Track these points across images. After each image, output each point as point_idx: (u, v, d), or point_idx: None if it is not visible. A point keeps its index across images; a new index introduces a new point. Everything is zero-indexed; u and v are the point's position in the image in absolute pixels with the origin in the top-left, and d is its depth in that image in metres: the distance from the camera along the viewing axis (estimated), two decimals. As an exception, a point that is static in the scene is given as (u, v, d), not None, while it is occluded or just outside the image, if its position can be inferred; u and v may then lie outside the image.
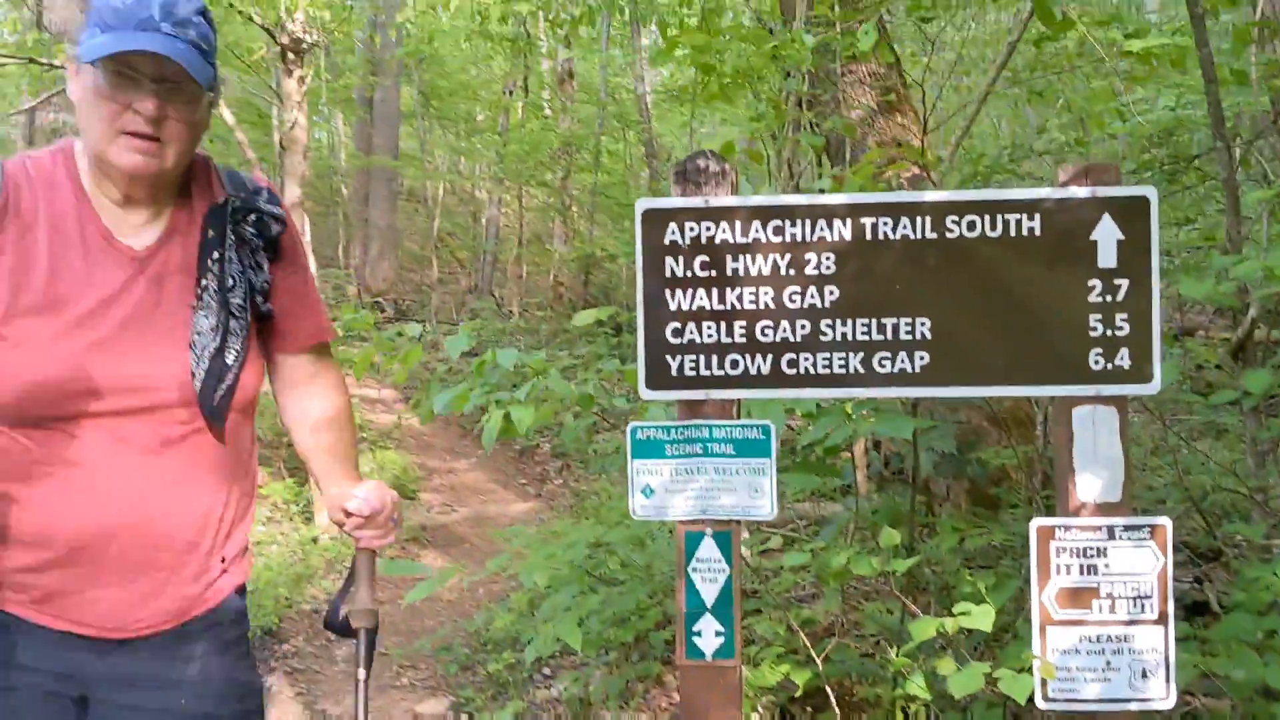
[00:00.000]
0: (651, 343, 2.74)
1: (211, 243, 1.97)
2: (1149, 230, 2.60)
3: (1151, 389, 2.59)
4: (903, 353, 2.69)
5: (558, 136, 18.47)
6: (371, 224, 21.18)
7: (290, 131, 8.11)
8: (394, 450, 11.29)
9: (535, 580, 3.39)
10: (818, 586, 5.11)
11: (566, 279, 19.44)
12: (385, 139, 20.92)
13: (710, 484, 2.73)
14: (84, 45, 1.82)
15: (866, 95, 5.78)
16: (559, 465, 11.18)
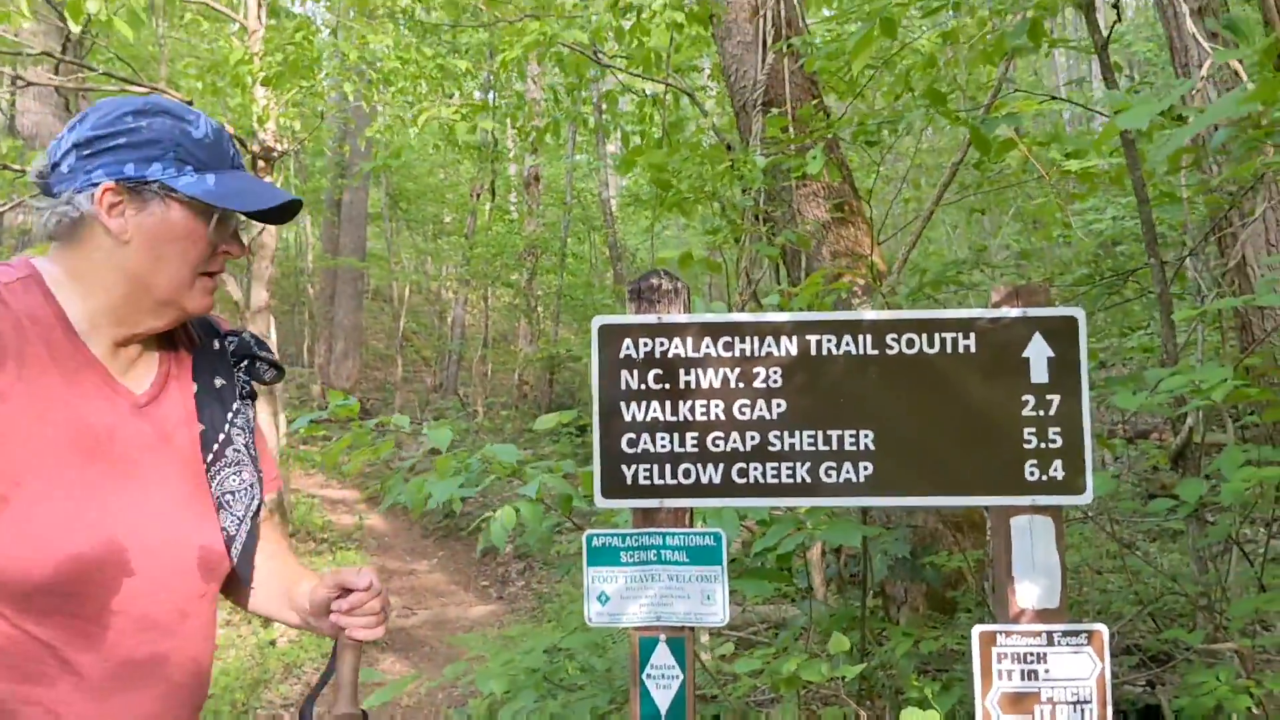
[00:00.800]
0: (607, 452, 2.83)
1: (224, 394, 1.84)
2: (1077, 348, 2.75)
3: (1084, 499, 2.71)
4: (848, 463, 2.80)
5: (524, 239, 18.77)
6: (337, 323, 21.29)
7: (259, 238, 8.24)
8: (354, 551, 11.23)
9: (492, 688, 3.42)
10: (778, 690, 5.14)
11: (531, 378, 19.55)
12: (352, 239, 21.16)
13: (664, 591, 2.80)
14: (190, 183, 1.66)
15: (819, 209, 6.00)
16: (521, 566, 11.15)
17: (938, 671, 4.59)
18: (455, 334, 21.87)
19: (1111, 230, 6.86)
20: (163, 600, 1.67)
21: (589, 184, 21.85)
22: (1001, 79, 4.85)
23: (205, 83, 7.96)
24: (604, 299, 18.55)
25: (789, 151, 5.40)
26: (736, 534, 3.34)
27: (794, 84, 6.46)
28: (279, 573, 1.99)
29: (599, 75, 8.14)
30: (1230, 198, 5.11)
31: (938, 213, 7.38)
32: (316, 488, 14.39)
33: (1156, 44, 14.88)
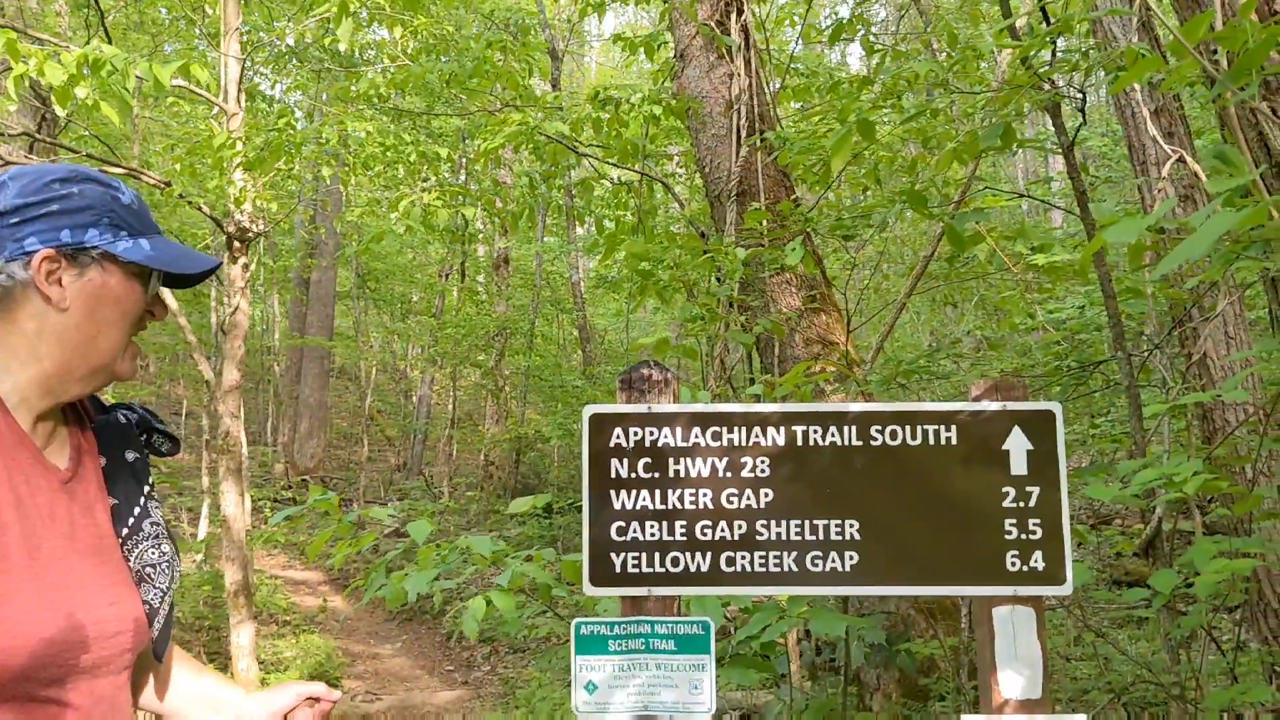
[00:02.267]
0: (596, 540, 2.86)
1: (136, 467, 1.81)
2: (1055, 442, 2.84)
3: (1065, 590, 2.77)
4: (834, 552, 2.85)
5: (492, 320, 18.85)
6: (302, 401, 21.18)
7: (232, 316, 8.25)
8: (318, 635, 11.06)
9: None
10: (752, 780, 5.11)
11: (497, 459, 19.47)
12: (320, 318, 21.16)
13: (652, 680, 2.81)
14: (128, 248, 1.66)
15: (793, 297, 6.12)
16: (487, 651, 11.01)
17: (913, 760, 4.59)
18: (421, 413, 21.83)
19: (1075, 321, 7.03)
20: (110, 675, 1.64)
21: (558, 266, 22.05)
22: (971, 176, 5.01)
23: (183, 165, 8.04)
24: (573, 380, 18.60)
25: (764, 243, 5.53)
26: (719, 621, 3.36)
27: (767, 175, 6.63)
28: (199, 675, 1.99)
29: (574, 163, 8.29)
30: (1192, 294, 5.28)
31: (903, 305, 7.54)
32: (279, 569, 14.20)
33: (1111, 139, 15.34)
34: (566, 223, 19.71)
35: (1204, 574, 3.19)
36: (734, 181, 6.58)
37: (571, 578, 3.52)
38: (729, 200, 6.52)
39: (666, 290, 5.31)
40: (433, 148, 8.38)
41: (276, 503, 17.54)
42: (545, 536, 14.06)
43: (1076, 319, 6.78)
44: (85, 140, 10.20)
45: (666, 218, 9.50)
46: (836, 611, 3.67)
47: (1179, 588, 3.57)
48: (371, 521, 3.54)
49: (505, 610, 3.16)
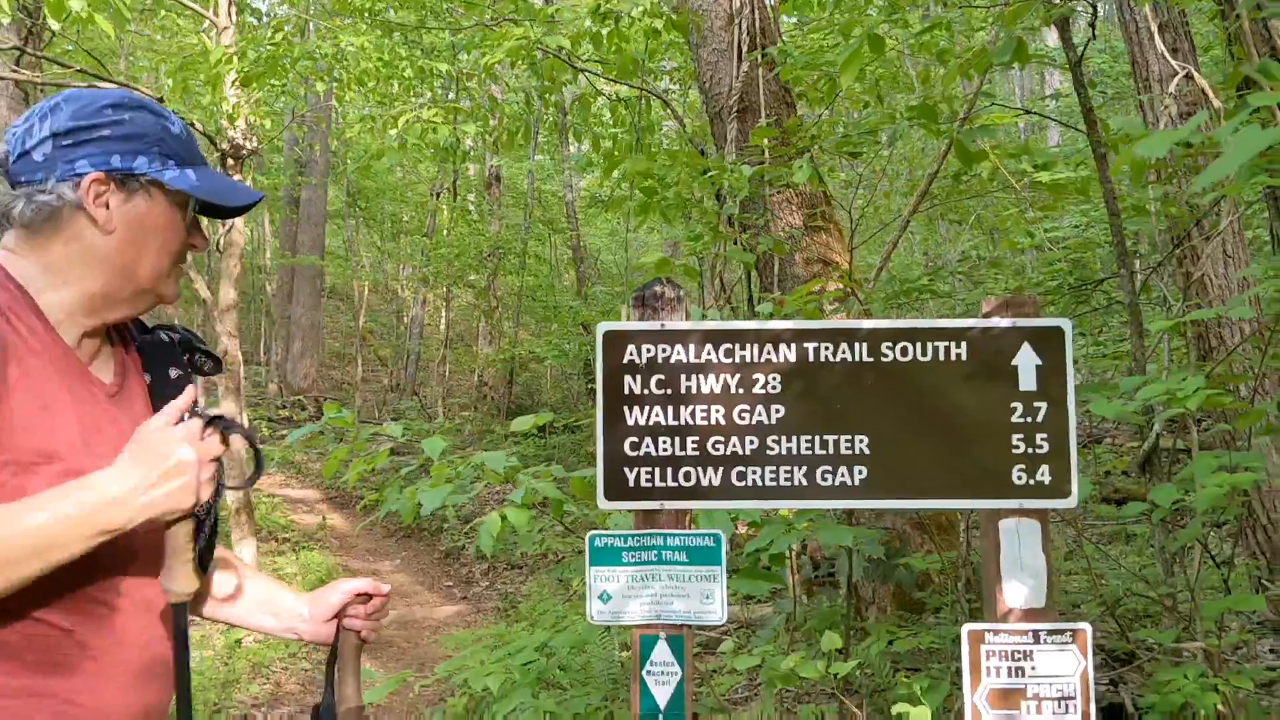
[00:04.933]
0: (610, 456, 2.90)
1: (181, 384, 1.82)
2: (1064, 358, 2.86)
3: (1070, 503, 2.83)
4: (843, 467, 2.89)
5: (485, 239, 18.75)
6: (294, 322, 21.13)
7: (228, 235, 8.20)
8: (318, 552, 11.19)
9: (487, 685, 3.47)
10: (752, 689, 5.24)
11: (491, 379, 19.53)
12: (310, 238, 21.02)
13: (664, 590, 2.87)
14: (175, 177, 1.70)
15: (794, 216, 6.10)
16: (485, 567, 11.17)
17: (909, 670, 4.70)
18: (414, 334, 21.82)
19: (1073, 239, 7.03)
20: (156, 584, 1.66)
21: (551, 185, 21.88)
22: (977, 92, 4.98)
23: (176, 81, 7.93)
24: (567, 300, 18.57)
25: (766, 159, 5.50)
26: (730, 535, 3.42)
27: (768, 91, 6.57)
28: (249, 580, 2.05)
29: (571, 79, 8.19)
30: (1192, 213, 5.28)
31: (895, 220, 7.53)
32: (277, 487, 14.30)
33: (1111, 56, 15.18)
34: (560, 141, 19.52)
35: (1205, 488, 3.25)
36: (735, 98, 6.52)
37: (580, 494, 3.57)
38: (730, 117, 6.47)
39: (669, 209, 5.30)
40: (430, 63, 8.27)
41: (271, 422, 17.61)
42: (541, 455, 14.18)
43: (1075, 237, 6.79)
44: (72, 55, 10.02)
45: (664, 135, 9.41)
46: (842, 524, 3.73)
47: (1176, 502, 3.63)
48: (382, 438, 3.56)
49: (519, 525, 3.21)
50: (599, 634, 5.33)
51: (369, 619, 2.06)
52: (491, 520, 3.15)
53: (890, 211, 8.54)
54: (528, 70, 8.10)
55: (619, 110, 8.33)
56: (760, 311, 3.88)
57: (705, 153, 7.05)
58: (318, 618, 2.03)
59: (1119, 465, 7.10)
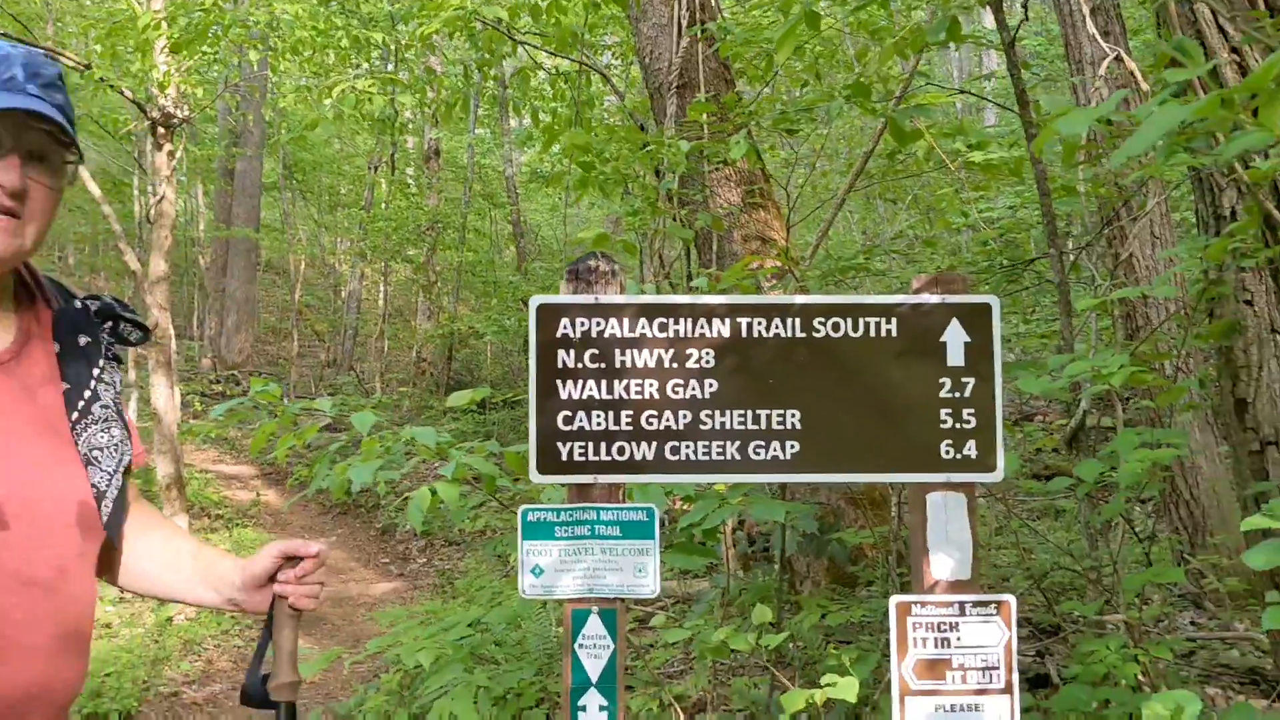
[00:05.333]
0: (543, 430, 2.90)
1: (88, 351, 1.79)
2: (992, 334, 2.91)
3: (995, 478, 2.88)
4: (775, 442, 2.92)
5: (424, 213, 18.56)
6: (229, 295, 20.81)
7: (159, 205, 8.03)
8: (251, 528, 11.06)
9: (419, 660, 3.46)
10: (687, 663, 5.28)
11: (429, 355, 19.38)
12: (246, 210, 20.69)
13: (597, 564, 2.88)
14: None
15: (733, 192, 6.12)
16: (423, 544, 11.12)
17: (841, 642, 4.77)
18: (351, 308, 21.58)
19: (1006, 220, 7.13)
20: (40, 556, 1.60)
21: (491, 160, 21.70)
22: (912, 71, 5.01)
23: (104, 46, 7.72)
24: (507, 276, 18.46)
25: (705, 136, 5.50)
26: (663, 509, 3.44)
27: (708, 68, 6.56)
28: (183, 550, 1.97)
29: (511, 52, 8.12)
30: (1121, 194, 5.37)
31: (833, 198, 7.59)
32: (210, 463, 14.10)
33: (1046, 39, 15.38)
34: (499, 115, 19.35)
35: (1127, 463, 3.32)
36: (675, 73, 6.51)
37: (515, 469, 3.56)
38: (669, 92, 6.46)
39: (608, 184, 5.28)
40: (366, 32, 8.14)
41: (205, 397, 17.34)
42: (480, 431, 14.12)
43: (1008, 218, 6.89)
44: None
45: (604, 111, 9.37)
46: (775, 499, 3.77)
47: (1100, 478, 3.71)
48: (310, 415, 3.52)
49: (450, 501, 3.19)
50: (535, 609, 5.33)
51: (300, 583, 1.91)
52: (421, 495, 3.13)
53: (828, 190, 8.59)
54: (466, 42, 8.00)
55: (559, 84, 8.28)
56: (696, 287, 3.89)
57: (645, 128, 7.03)
58: (249, 585, 1.92)
59: (1049, 442, 7.25)
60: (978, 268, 5.70)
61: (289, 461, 13.11)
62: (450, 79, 9.63)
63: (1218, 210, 3.98)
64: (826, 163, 9.55)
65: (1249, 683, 4.96)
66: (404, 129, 16.89)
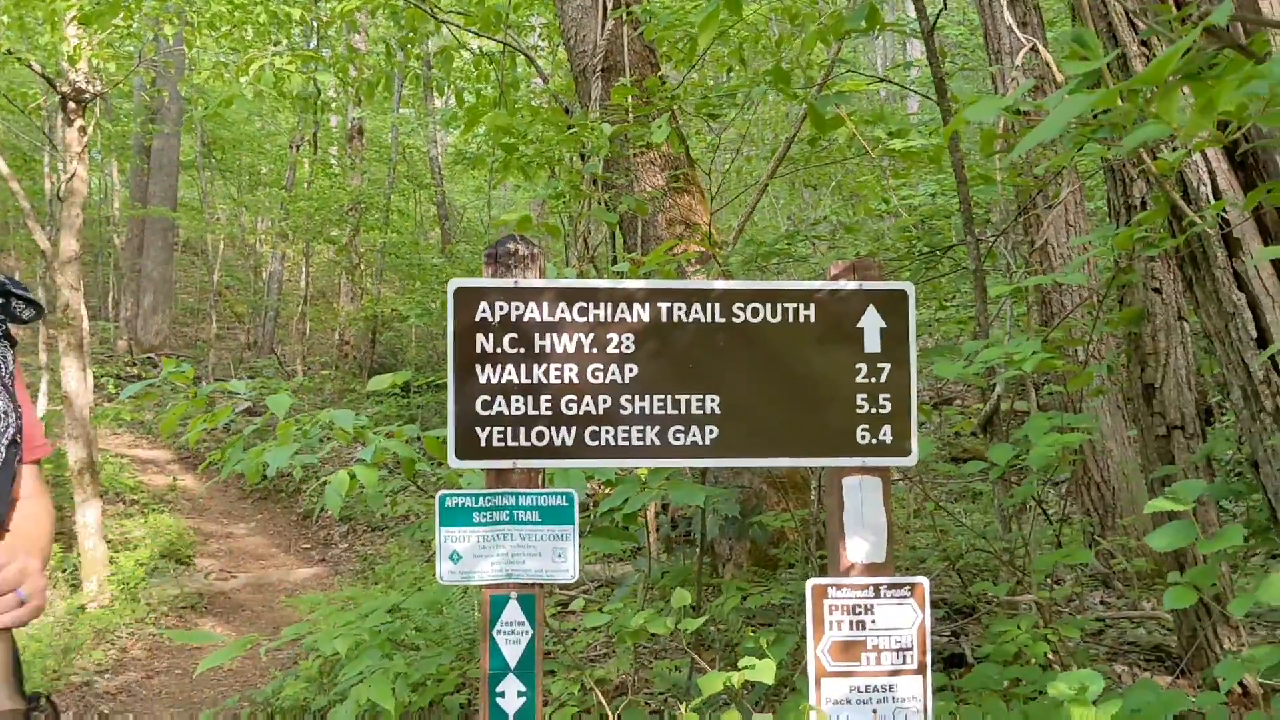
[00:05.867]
0: (461, 414, 2.87)
1: None
2: (907, 320, 2.95)
3: (910, 461, 2.92)
4: (695, 426, 2.93)
5: (347, 193, 18.28)
6: (145, 275, 20.31)
7: (70, 183, 7.80)
8: (168, 514, 10.83)
9: (335, 647, 3.42)
10: (609, 646, 5.29)
11: (352, 338, 19.13)
12: (163, 188, 20.19)
13: (516, 549, 2.87)
14: None
15: (657, 177, 6.11)
16: (344, 529, 10.99)
17: (762, 625, 4.81)
18: (272, 290, 21.19)
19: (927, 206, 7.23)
20: None
21: (416, 140, 21.43)
22: (834, 59, 5.05)
23: (11, 18, 7.47)
24: (431, 258, 18.26)
25: (630, 119, 5.48)
26: (583, 494, 3.43)
27: (633, 51, 6.54)
28: None
29: (434, 30, 8.01)
30: (1037, 182, 5.48)
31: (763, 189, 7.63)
32: (125, 447, 13.78)
33: (967, 29, 15.59)
34: (424, 95, 19.11)
35: (1038, 447, 3.39)
36: (599, 56, 6.48)
37: (435, 453, 3.52)
38: (594, 75, 6.42)
39: (530, 166, 5.25)
40: (283, 7, 7.98)
41: (120, 379, 16.93)
42: (404, 415, 13.98)
43: (928, 205, 6.99)
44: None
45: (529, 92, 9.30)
46: (693, 483, 3.78)
47: (1013, 462, 3.79)
48: (224, 396, 3.45)
49: (368, 484, 3.16)
50: (457, 594, 5.30)
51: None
52: (339, 479, 3.09)
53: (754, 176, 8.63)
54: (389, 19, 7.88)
55: (483, 64, 8.19)
56: (614, 272, 3.88)
57: (570, 111, 6.99)
58: None
59: (966, 426, 7.38)
60: (898, 254, 5.77)
61: (205, 445, 12.86)
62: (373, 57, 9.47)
63: (1129, 200, 4.08)
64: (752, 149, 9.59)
65: (1154, 660, 5.12)
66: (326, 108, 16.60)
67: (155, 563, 9.06)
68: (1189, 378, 4.75)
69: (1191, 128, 1.25)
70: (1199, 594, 2.57)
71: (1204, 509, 4.50)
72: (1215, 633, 4.52)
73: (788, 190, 13.21)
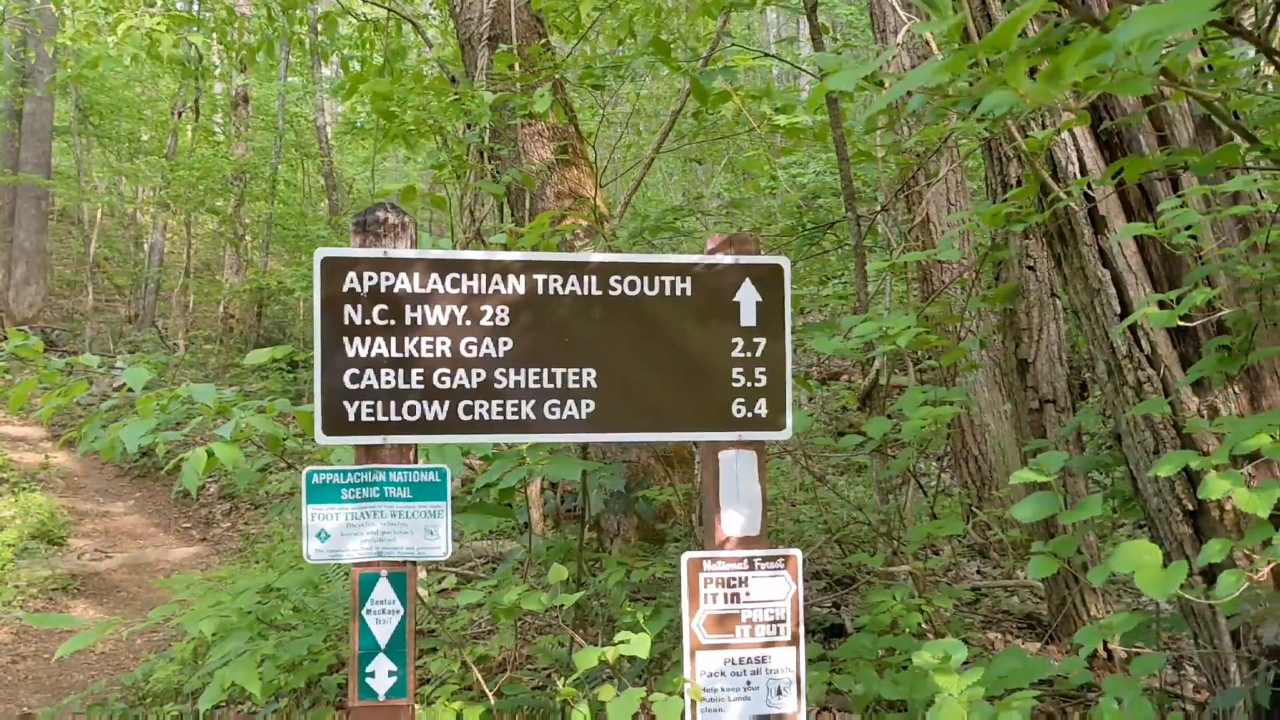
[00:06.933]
0: (329, 388, 2.79)
1: None
2: (783, 294, 2.96)
3: (784, 435, 2.93)
4: (571, 400, 2.90)
5: (231, 163, 17.74)
6: (17, 245, 19.44)
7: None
8: (39, 493, 10.41)
9: (202, 629, 3.32)
10: (494, 623, 5.25)
11: (238, 311, 18.62)
12: (35, 154, 19.33)
13: (387, 527, 2.81)
14: None
15: (545, 149, 6.04)
16: (227, 508, 10.70)
17: (647, 599, 4.82)
18: (153, 261, 20.48)
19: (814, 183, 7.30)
20: None
21: (303, 109, 20.88)
22: (720, 33, 5.04)
23: None
24: (318, 230, 17.84)
25: (515, 89, 5.40)
26: (459, 470, 3.38)
27: (520, 21, 6.44)
28: None
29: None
30: (918, 159, 5.56)
31: (655, 160, 7.62)
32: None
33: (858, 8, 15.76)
34: (312, 63, 18.61)
35: (911, 420, 3.44)
36: (486, 24, 6.36)
37: (307, 429, 3.43)
38: (480, 44, 6.31)
39: (412, 135, 5.13)
40: (156, -33, 7.67)
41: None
42: (290, 391, 13.67)
43: (814, 182, 7.05)
44: None
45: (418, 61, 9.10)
46: (575, 458, 3.75)
47: (889, 435, 3.84)
48: (83, 369, 3.30)
49: (230, 462, 3.05)
50: (335, 572, 5.20)
51: None
52: (196, 456, 2.98)
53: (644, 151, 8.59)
54: (270, -18, 7.64)
55: (368, 31, 7.99)
56: (493, 244, 3.82)
57: (456, 80, 6.86)
58: None
59: (849, 400, 7.49)
60: (783, 230, 5.81)
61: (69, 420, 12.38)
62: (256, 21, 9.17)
63: (1004, 178, 4.16)
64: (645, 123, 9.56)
65: (1026, 627, 5.28)
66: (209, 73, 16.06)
67: (25, 543, 8.71)
68: (1061, 353, 4.89)
69: (1038, 95, 1.25)
70: (1061, 563, 2.63)
71: (1074, 481, 4.64)
72: (1083, 600, 4.68)
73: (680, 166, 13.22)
